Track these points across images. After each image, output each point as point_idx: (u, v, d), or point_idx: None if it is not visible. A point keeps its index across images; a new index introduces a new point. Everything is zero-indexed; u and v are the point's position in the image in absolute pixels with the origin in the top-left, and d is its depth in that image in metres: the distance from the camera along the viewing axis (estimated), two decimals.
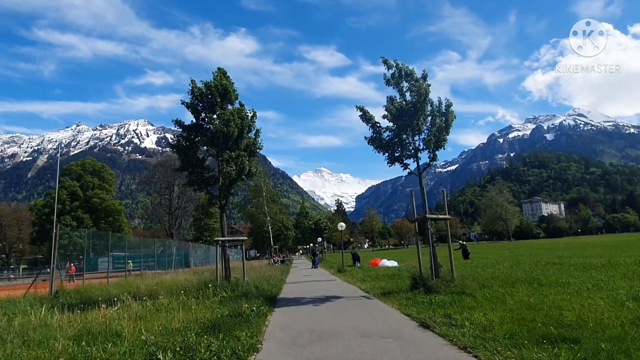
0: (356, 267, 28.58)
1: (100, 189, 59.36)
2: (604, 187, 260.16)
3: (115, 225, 59.53)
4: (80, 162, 64.23)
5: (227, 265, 12.90)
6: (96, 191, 58.89)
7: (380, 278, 15.27)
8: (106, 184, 62.10)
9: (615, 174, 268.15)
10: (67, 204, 55.89)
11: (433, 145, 10.38)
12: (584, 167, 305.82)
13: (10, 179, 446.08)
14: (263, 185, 41.31)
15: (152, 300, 11.23)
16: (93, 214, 57.94)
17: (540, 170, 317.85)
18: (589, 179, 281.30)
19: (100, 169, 62.80)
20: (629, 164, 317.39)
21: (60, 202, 54.34)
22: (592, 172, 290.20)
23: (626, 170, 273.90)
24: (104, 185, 61.36)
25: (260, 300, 9.78)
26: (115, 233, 52.25)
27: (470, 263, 21.71)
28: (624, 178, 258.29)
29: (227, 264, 12.90)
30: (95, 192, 58.71)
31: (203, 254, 51.89)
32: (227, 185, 12.83)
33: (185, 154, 12.86)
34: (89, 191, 58.45)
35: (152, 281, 19.50)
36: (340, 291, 12.34)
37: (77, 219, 54.87)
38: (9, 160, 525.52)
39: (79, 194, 57.54)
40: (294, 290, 13.38)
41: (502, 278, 11.33)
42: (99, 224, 57.32)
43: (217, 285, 11.98)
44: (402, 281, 13.32)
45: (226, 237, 12.98)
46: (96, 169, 62.24)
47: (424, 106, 10.41)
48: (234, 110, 12.93)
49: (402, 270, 17.63)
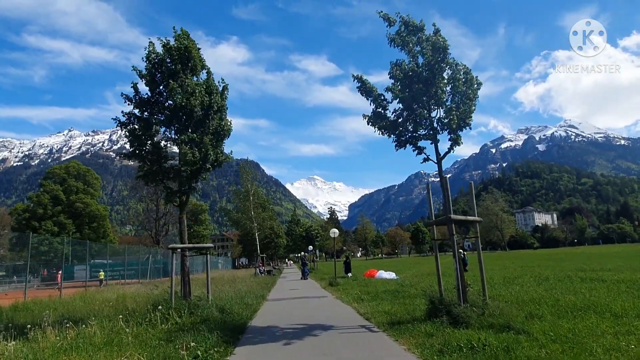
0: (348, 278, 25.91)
1: (84, 193, 56.31)
2: (596, 198, 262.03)
3: (99, 231, 56.73)
4: (64, 165, 61.55)
5: (186, 280, 9.99)
6: (80, 195, 55.89)
7: (381, 296, 12.42)
8: (91, 188, 59.04)
9: (607, 185, 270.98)
10: (49, 208, 52.85)
11: (457, 121, 7.63)
12: (575, 177, 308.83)
13: (0, 184, 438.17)
14: (251, 188, 38.15)
15: (81, 326, 8.38)
16: (76, 219, 54.90)
17: (533, 181, 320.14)
18: (581, 190, 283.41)
19: (85, 172, 59.82)
20: (619, 175, 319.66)
21: (42, 206, 52.12)
22: (583, 183, 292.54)
23: (617, 181, 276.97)
24: (89, 189, 58.35)
25: (216, 336, 6.88)
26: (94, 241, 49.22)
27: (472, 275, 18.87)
28: (615, 189, 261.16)
29: (186, 278, 9.99)
30: (79, 196, 55.72)
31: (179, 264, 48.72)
32: (189, 176, 9.98)
33: (137, 137, 10.00)
34: (72, 195, 55.48)
35: (114, 294, 16.63)
36: (331, 316, 9.48)
37: (59, 225, 51.91)
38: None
39: (61, 199, 54.50)
40: (272, 314, 10.50)
41: (547, 302, 8.55)
42: (83, 229, 54.32)
43: (171, 307, 9.07)
44: (411, 302, 10.50)
45: (186, 243, 10.09)
46: (81, 172, 59.38)
47: (442, 67, 7.70)
48: (199, 82, 10.15)
49: (405, 286, 14.79)
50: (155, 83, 10.11)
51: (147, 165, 9.93)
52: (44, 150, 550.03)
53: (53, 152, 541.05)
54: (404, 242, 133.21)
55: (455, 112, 7.56)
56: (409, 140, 8.24)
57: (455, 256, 7.67)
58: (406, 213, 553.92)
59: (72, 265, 37.85)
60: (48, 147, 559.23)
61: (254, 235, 38.52)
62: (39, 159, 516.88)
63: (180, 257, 10.07)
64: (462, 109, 7.61)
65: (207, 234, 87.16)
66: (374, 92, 8.61)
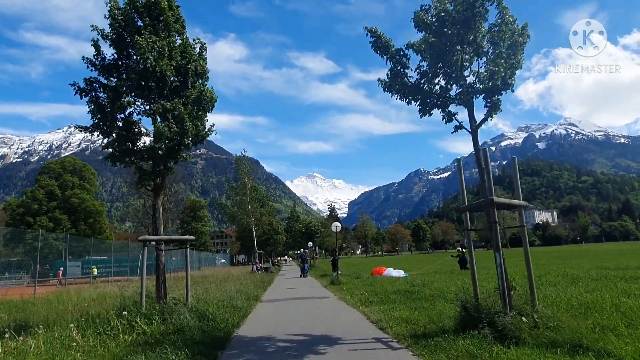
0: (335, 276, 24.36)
1: (80, 188, 55.02)
2: (596, 196, 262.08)
3: (95, 227, 55.58)
4: (60, 160, 60.47)
5: (161, 279, 8.29)
6: (75, 191, 54.65)
7: (392, 297, 10.68)
8: (87, 183, 57.60)
9: (607, 183, 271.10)
10: (44, 203, 51.74)
11: (502, 75, 5.92)
12: (575, 175, 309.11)
13: (0, 180, 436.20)
14: (247, 181, 36.19)
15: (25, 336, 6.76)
16: (72, 215, 53.70)
17: (533, 178, 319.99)
18: (581, 188, 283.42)
19: (81, 167, 58.39)
20: (619, 173, 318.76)
21: (37, 201, 51.13)
22: (584, 181, 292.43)
23: (617, 180, 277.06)
24: (85, 185, 56.97)
25: (186, 354, 5.21)
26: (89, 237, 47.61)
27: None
28: (615, 187, 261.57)
29: (161, 277, 8.30)
30: (74, 191, 54.48)
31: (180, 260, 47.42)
32: (164, 154, 8.28)
33: (101, 109, 8.27)
34: (68, 191, 54.13)
35: (91, 293, 15.01)
36: (336, 324, 7.80)
37: (55, 220, 50.77)
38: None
39: (57, 194, 53.24)
40: (265, 319, 8.81)
41: (605, 308, 6.86)
42: (78, 225, 53.12)
43: (140, 313, 7.39)
44: (430, 305, 8.81)
45: (162, 235, 8.39)
46: (77, 167, 58.02)
47: (486, 7, 5.97)
48: (173, 41, 8.43)
49: (416, 285, 13.09)
50: (122, 43, 8.37)
51: (115, 143, 8.22)
52: (43, 147, 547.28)
53: (53, 149, 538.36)
54: (405, 240, 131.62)
55: (501, 63, 5.84)
56: (436, 104, 6.53)
57: (498, 250, 6.00)
58: (406, 211, 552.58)
59: (64, 262, 36.70)
60: (48, 143, 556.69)
61: (252, 231, 36.76)
62: (39, 156, 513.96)
63: (155, 251, 8.37)
64: (511, 61, 5.88)
65: (206, 231, 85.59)
66: (391, 48, 6.90)
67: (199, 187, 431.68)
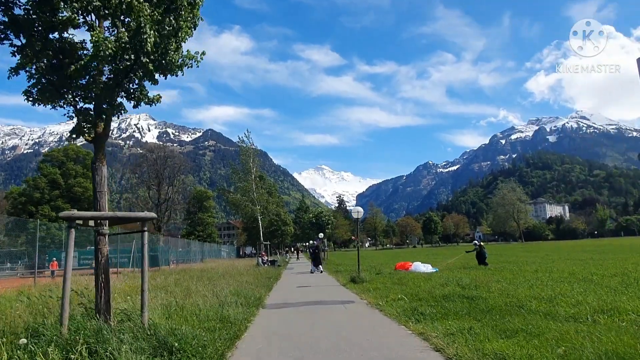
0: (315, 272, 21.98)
1: (83, 177, 53.75)
2: (608, 190, 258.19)
3: None
4: (63, 148, 59.12)
5: (102, 281, 5.42)
6: (79, 180, 53.46)
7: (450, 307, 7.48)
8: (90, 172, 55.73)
9: (620, 177, 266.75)
10: (46, 192, 51.07)
11: None
12: (587, 169, 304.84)
13: (11, 171, 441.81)
14: (252, 165, 33.07)
15: None
16: (75, 204, 52.11)
17: (544, 172, 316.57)
18: (593, 181, 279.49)
19: (84, 156, 56.90)
20: (631, 167, 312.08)
21: (39, 190, 50.75)
22: (596, 175, 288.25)
23: (630, 173, 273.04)
24: (88, 173, 55.15)
25: None
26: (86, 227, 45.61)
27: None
28: (628, 181, 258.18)
29: (102, 277, 5.43)
30: (77, 180, 53.29)
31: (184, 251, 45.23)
32: (110, 84, 5.40)
33: (29, 23, 5.35)
34: (71, 179, 52.94)
35: None
36: (386, 356, 4.91)
37: (57, 209, 49.49)
38: (9, 152, 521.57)
39: (59, 183, 52.24)
40: (266, 346, 5.74)
41: None
42: None
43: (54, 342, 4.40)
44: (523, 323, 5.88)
45: (105, 210, 5.52)
46: (80, 156, 56.69)
47: None
48: None
49: (466, 287, 10.19)
50: None
51: (42, 69, 5.33)
52: (53, 138, 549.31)
53: (63, 140, 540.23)
54: (415, 233, 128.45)
55: None
56: None
57: None
58: (414, 204, 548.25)
59: (59, 252, 34.86)
60: (58, 134, 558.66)
61: (258, 220, 33.98)
62: (49, 147, 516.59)
63: (95, 239, 5.54)
64: None
65: (212, 222, 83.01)
66: None
67: (207, 178, 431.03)
